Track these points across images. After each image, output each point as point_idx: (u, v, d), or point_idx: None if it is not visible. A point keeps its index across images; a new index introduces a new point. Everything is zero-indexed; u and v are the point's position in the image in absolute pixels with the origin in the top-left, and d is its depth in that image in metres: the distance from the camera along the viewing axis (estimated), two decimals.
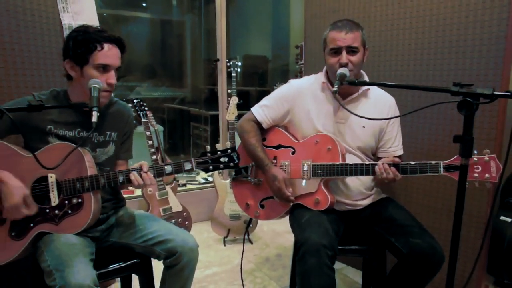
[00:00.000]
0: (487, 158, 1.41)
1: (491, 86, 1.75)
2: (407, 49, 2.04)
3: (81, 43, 1.38)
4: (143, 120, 2.57)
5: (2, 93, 1.65)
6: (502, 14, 1.72)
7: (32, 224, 1.40)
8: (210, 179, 3.45)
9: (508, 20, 1.71)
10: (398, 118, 1.80)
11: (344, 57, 1.61)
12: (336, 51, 1.63)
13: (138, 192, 2.89)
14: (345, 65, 1.60)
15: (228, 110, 2.87)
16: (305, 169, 1.70)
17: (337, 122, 1.73)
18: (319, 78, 1.79)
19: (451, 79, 1.88)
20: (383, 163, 1.54)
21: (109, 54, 1.42)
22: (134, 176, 1.41)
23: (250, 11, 5.61)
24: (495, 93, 1.07)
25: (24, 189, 1.35)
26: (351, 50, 1.62)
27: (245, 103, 4.67)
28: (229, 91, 3.02)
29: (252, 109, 1.87)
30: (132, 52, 4.65)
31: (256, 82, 5.25)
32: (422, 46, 1.98)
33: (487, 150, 1.42)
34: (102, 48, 1.40)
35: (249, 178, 1.83)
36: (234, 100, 2.88)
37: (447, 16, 1.88)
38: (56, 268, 1.25)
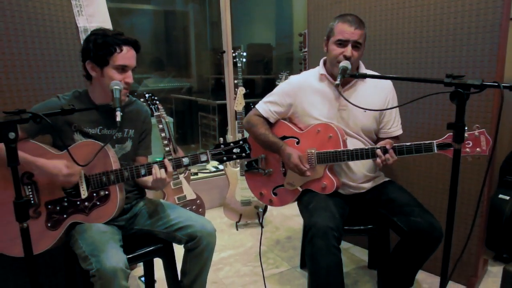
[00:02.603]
0: (477, 133, 1.49)
1: (486, 72, 1.86)
2: (406, 37, 2.12)
3: (101, 46, 1.49)
4: (155, 113, 2.69)
5: (28, 96, 1.77)
6: (496, 2, 1.80)
7: (65, 216, 1.54)
8: (220, 167, 3.58)
9: (503, 8, 1.78)
10: (396, 99, 1.90)
11: (349, 50, 1.71)
12: (342, 43, 1.72)
13: None
14: (349, 58, 1.70)
15: (236, 101, 2.98)
16: (310, 157, 1.81)
17: (340, 109, 1.84)
18: (317, 71, 1.90)
19: (449, 66, 1.98)
20: (382, 150, 1.65)
21: (127, 55, 1.53)
22: (155, 169, 1.54)
23: None
24: (483, 83, 1.16)
25: (62, 161, 1.48)
26: (356, 45, 1.72)
27: (251, 92, 4.76)
28: (235, 81, 3.12)
29: (256, 106, 1.98)
30: None
31: (261, 70, 5.31)
32: (420, 35, 2.06)
33: (477, 125, 1.49)
34: (121, 50, 1.51)
35: (260, 169, 1.96)
36: (241, 90, 2.98)
37: (444, 5, 1.96)
38: (91, 253, 1.40)
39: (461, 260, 1.85)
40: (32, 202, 1.52)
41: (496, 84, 1.16)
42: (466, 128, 1.45)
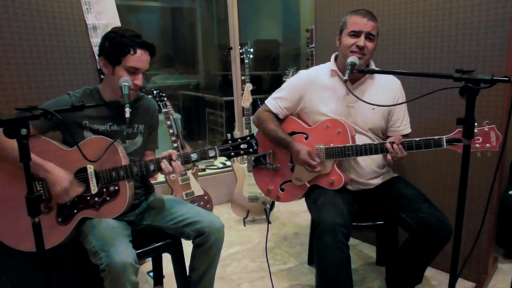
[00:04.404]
0: (487, 129, 1.48)
1: (497, 67, 1.84)
2: (415, 32, 2.11)
3: (117, 45, 1.50)
4: (164, 110, 2.71)
5: (39, 93, 1.79)
6: None
7: (75, 211, 1.56)
8: (228, 163, 3.59)
9: None
10: (405, 99, 1.90)
11: (362, 40, 1.72)
12: (356, 34, 1.74)
13: (161, 178, 3.05)
14: (362, 48, 1.72)
15: (243, 97, 2.99)
16: (318, 152, 1.81)
17: (348, 106, 1.83)
18: (327, 66, 1.90)
19: (458, 61, 1.96)
20: (391, 144, 1.65)
21: (140, 59, 1.54)
22: (164, 164, 1.55)
23: None
24: (494, 78, 1.15)
25: (68, 174, 1.51)
26: (369, 37, 1.73)
27: (258, 88, 4.76)
28: (242, 77, 3.13)
29: (266, 101, 1.98)
30: None
31: (268, 67, 5.31)
32: (429, 29, 2.05)
33: (487, 121, 1.49)
34: (135, 52, 1.52)
35: (267, 165, 1.96)
36: (248, 87, 2.98)
37: None
38: (102, 248, 1.41)
39: (470, 257, 1.84)
40: (43, 197, 1.55)
41: (507, 78, 1.15)
42: (476, 124, 1.46)
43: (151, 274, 2.17)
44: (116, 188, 1.56)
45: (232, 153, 1.61)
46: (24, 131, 1.07)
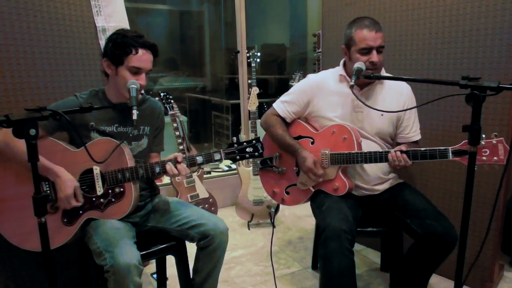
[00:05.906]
0: (495, 142, 1.46)
1: (503, 74, 1.83)
2: (421, 39, 2.10)
3: (119, 46, 1.53)
4: (170, 112, 2.72)
5: (47, 94, 1.81)
6: None
7: (81, 212, 1.57)
8: (233, 166, 3.60)
9: None
10: (414, 105, 1.89)
11: (375, 56, 1.69)
12: (368, 51, 1.70)
13: (166, 180, 3.07)
14: (375, 64, 1.70)
15: (250, 100, 3.00)
16: (323, 158, 1.81)
17: (356, 112, 1.83)
18: (336, 71, 1.90)
19: (464, 68, 1.95)
20: (395, 151, 1.64)
21: (142, 58, 1.56)
22: (170, 166, 1.56)
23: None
24: (500, 85, 1.15)
25: (75, 182, 1.52)
26: (379, 50, 1.71)
27: (265, 91, 4.78)
28: (249, 81, 3.14)
29: (273, 105, 1.99)
30: None
31: (275, 71, 5.32)
32: (436, 36, 2.04)
33: (495, 133, 1.47)
34: (137, 52, 1.54)
35: (273, 167, 1.97)
36: (255, 90, 3.00)
37: (460, 6, 1.93)
38: (106, 249, 1.42)
39: (476, 265, 1.82)
40: (50, 197, 1.56)
41: None
42: (483, 135, 1.44)
43: (155, 276, 2.18)
44: (122, 189, 1.58)
45: (238, 157, 1.61)
46: (33, 132, 1.09)
